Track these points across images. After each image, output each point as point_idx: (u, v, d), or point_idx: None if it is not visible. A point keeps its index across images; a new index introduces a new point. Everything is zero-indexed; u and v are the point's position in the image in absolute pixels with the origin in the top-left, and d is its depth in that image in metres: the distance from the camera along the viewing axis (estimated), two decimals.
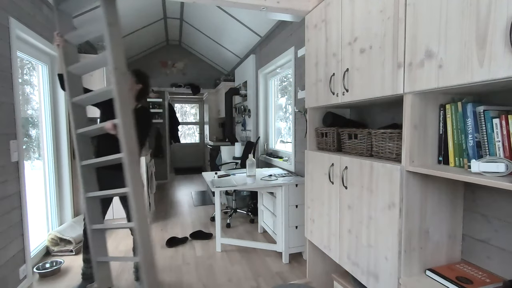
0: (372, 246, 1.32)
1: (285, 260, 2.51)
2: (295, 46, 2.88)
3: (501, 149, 0.92)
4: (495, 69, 0.81)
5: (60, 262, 2.41)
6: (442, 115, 1.12)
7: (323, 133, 1.82)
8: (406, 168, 1.14)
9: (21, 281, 2.10)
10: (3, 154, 1.92)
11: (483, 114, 0.97)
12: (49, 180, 2.91)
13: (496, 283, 1.06)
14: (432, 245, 1.21)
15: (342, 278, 1.71)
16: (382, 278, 1.26)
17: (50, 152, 2.91)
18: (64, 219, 3.06)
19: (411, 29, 1.09)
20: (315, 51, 1.82)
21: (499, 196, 1.12)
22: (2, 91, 1.93)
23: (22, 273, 2.10)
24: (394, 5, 1.16)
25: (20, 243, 2.09)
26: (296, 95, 2.86)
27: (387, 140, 1.32)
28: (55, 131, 2.95)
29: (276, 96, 3.89)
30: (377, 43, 1.27)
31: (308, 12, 1.90)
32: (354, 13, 1.42)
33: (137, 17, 3.64)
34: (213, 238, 3.10)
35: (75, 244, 2.72)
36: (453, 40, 0.92)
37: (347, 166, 1.49)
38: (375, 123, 1.78)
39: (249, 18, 3.45)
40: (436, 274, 1.13)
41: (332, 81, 1.62)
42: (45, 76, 2.85)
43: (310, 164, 1.90)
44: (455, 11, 0.92)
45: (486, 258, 1.18)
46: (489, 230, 1.16)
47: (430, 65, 1.01)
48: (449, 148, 1.09)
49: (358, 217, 1.42)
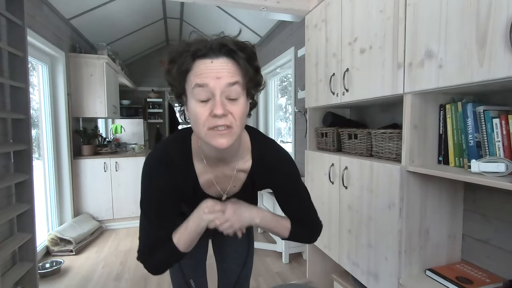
0: (372, 246, 1.32)
1: (285, 260, 2.51)
2: (295, 46, 2.88)
3: (501, 149, 0.92)
4: (495, 69, 0.81)
5: (60, 262, 2.41)
6: (442, 115, 1.12)
7: (323, 133, 1.82)
8: (406, 168, 1.14)
9: None
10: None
11: (483, 114, 0.96)
12: (49, 180, 2.91)
13: (496, 283, 1.06)
14: (432, 245, 1.21)
15: (342, 278, 1.71)
16: (382, 278, 1.26)
17: (50, 152, 2.90)
18: (64, 219, 3.06)
19: (411, 29, 1.08)
20: (315, 51, 1.82)
21: (499, 196, 1.12)
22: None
23: None
24: (394, 5, 1.16)
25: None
26: (296, 95, 2.86)
27: (387, 140, 1.32)
28: (55, 131, 2.95)
29: (276, 96, 3.89)
30: (377, 43, 1.27)
31: (308, 12, 1.90)
32: (354, 13, 1.42)
33: (137, 17, 3.64)
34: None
35: (75, 244, 2.73)
36: (453, 40, 0.92)
37: (347, 166, 1.49)
38: (375, 123, 1.77)
39: (249, 18, 3.45)
40: (436, 274, 1.13)
41: (332, 81, 1.62)
42: (45, 76, 2.85)
43: (310, 164, 1.89)
44: (455, 11, 0.92)
45: (486, 258, 1.18)
46: (489, 230, 1.16)
47: (430, 65, 1.01)
48: (449, 148, 1.09)
49: (358, 217, 1.42)
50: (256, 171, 0.81)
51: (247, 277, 1.16)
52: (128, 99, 5.01)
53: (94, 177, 3.32)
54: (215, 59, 0.63)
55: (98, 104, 3.34)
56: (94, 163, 3.32)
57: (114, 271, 2.39)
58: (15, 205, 1.83)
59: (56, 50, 2.79)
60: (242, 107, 0.65)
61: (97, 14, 3.11)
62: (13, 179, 1.76)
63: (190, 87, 0.64)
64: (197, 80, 0.63)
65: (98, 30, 3.56)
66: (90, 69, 3.28)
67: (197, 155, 0.78)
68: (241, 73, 0.65)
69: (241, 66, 0.65)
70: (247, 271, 1.15)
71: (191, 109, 0.66)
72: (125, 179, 3.46)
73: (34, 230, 1.90)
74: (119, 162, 3.43)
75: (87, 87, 3.29)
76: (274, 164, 0.81)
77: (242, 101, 0.66)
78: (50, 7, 2.66)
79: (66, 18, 2.98)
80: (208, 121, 0.63)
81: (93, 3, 2.90)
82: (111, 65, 3.55)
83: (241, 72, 0.65)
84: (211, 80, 0.62)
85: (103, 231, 3.31)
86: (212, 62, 0.63)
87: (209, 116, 0.63)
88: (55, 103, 2.96)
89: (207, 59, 0.63)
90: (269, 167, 0.81)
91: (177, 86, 0.67)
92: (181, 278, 1.07)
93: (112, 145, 3.97)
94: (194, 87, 0.63)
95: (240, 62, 0.64)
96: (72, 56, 3.16)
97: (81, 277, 2.29)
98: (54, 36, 2.76)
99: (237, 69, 0.65)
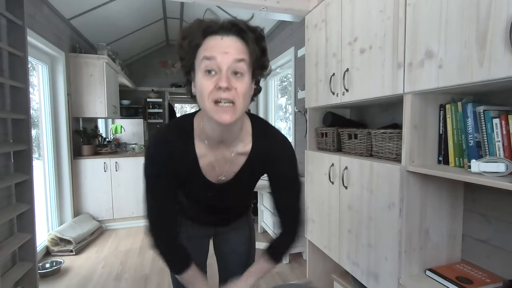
0: (372, 246, 1.32)
1: (285, 260, 2.51)
2: (295, 46, 2.88)
3: (501, 149, 0.92)
4: (495, 69, 0.81)
5: (60, 262, 2.41)
6: (442, 115, 1.12)
7: (323, 133, 1.82)
8: (406, 168, 1.14)
9: None
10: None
11: (483, 114, 0.96)
12: (49, 180, 2.91)
13: (496, 283, 1.06)
14: (432, 245, 1.21)
15: (342, 278, 1.71)
16: (382, 278, 1.26)
17: (50, 152, 2.90)
18: (64, 219, 3.06)
19: (411, 29, 1.08)
20: (315, 51, 1.82)
21: (499, 196, 1.12)
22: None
23: None
24: (394, 5, 1.16)
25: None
26: (296, 95, 2.86)
27: (387, 140, 1.32)
28: (55, 131, 2.95)
29: (276, 96, 3.89)
30: (377, 43, 1.27)
31: (308, 12, 1.90)
32: (354, 13, 1.42)
33: (137, 17, 3.64)
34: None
35: (75, 244, 2.73)
36: (453, 40, 0.92)
37: (347, 166, 1.49)
38: (375, 123, 1.77)
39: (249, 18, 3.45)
40: (436, 274, 1.13)
41: (332, 81, 1.62)
42: (45, 76, 2.85)
43: (310, 164, 1.90)
44: (455, 11, 0.92)
45: (486, 258, 1.18)
46: (489, 230, 1.16)
47: (430, 65, 1.01)
48: (449, 148, 1.09)
49: (358, 217, 1.42)
50: (255, 155, 0.82)
51: None
52: (128, 99, 5.01)
53: (94, 177, 3.32)
54: (225, 37, 0.67)
55: (98, 104, 3.34)
56: (94, 163, 3.32)
57: (114, 271, 2.39)
58: (15, 205, 1.83)
59: (56, 50, 2.79)
60: (246, 85, 0.68)
61: (97, 14, 3.10)
62: (13, 179, 1.75)
63: (199, 60, 0.68)
64: (206, 53, 0.66)
65: (98, 30, 3.56)
66: (90, 69, 3.28)
67: (198, 136, 0.80)
68: (249, 52, 0.68)
69: (249, 46, 0.68)
70: None
71: (197, 82, 0.69)
72: (125, 179, 3.46)
73: (34, 230, 1.90)
74: (119, 162, 3.43)
75: (87, 87, 3.29)
76: (274, 152, 0.82)
77: (246, 79, 0.68)
78: (50, 7, 2.66)
79: (66, 18, 2.98)
80: (213, 93, 0.66)
81: (93, 3, 2.90)
82: (111, 65, 3.55)
83: (248, 51, 0.68)
84: (219, 54, 0.65)
85: (103, 231, 3.31)
86: (222, 39, 0.67)
87: (214, 88, 0.66)
88: (55, 103, 2.96)
89: (217, 36, 0.67)
90: (268, 154, 0.82)
91: (187, 60, 0.71)
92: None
93: (112, 145, 3.97)
94: (202, 59, 0.66)
95: (249, 42, 0.67)
96: (72, 56, 3.17)
97: (81, 277, 2.29)
98: (54, 36, 2.76)
99: (245, 48, 0.68)
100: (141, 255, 2.70)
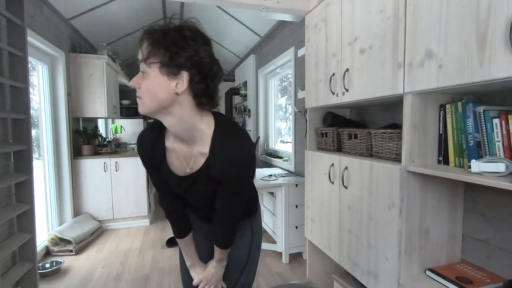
0: (372, 246, 1.32)
1: (285, 260, 2.51)
2: (295, 46, 2.88)
3: (501, 149, 0.92)
4: (495, 69, 0.81)
5: (60, 262, 2.41)
6: (442, 115, 1.12)
7: (323, 133, 1.82)
8: (406, 168, 1.14)
9: None
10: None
11: (483, 114, 0.96)
12: (49, 180, 2.91)
13: (496, 283, 1.06)
14: (432, 245, 1.21)
15: (342, 278, 1.71)
16: (382, 278, 1.26)
17: (50, 152, 2.90)
18: (64, 219, 3.06)
19: (411, 29, 1.09)
20: (315, 51, 1.82)
21: (499, 196, 1.12)
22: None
23: None
24: (394, 5, 1.16)
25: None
26: (296, 95, 2.86)
27: (387, 140, 1.32)
28: (55, 131, 2.95)
29: (276, 96, 3.89)
30: (377, 43, 1.27)
31: (308, 12, 1.90)
32: (354, 13, 1.42)
33: (137, 17, 3.64)
34: None
35: (75, 244, 2.73)
36: (453, 40, 0.92)
37: (347, 166, 1.49)
38: (375, 123, 1.77)
39: (249, 18, 3.45)
40: (436, 274, 1.13)
41: (332, 81, 1.62)
42: (45, 76, 2.85)
43: (310, 164, 1.90)
44: (455, 11, 0.92)
45: (486, 258, 1.18)
46: (489, 230, 1.16)
47: (430, 65, 1.01)
48: (449, 148, 1.09)
49: (358, 217, 1.42)
50: (211, 159, 0.87)
51: (245, 287, 1.14)
52: (128, 99, 5.01)
53: (94, 177, 3.32)
54: (143, 43, 0.77)
55: (98, 104, 3.34)
56: (94, 163, 3.32)
57: (114, 271, 2.39)
58: (15, 205, 1.83)
59: (56, 50, 2.79)
60: (149, 82, 0.77)
61: (97, 14, 3.10)
62: (13, 179, 1.76)
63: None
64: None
65: (98, 30, 3.56)
66: (90, 69, 3.28)
67: (169, 132, 0.92)
68: (154, 53, 0.75)
69: (153, 46, 0.75)
70: (247, 280, 1.14)
71: None
72: (125, 179, 3.46)
73: (34, 230, 1.90)
74: (119, 162, 3.43)
75: (87, 87, 3.29)
76: (226, 158, 0.85)
77: (150, 77, 0.76)
78: (50, 7, 2.66)
79: (66, 18, 2.98)
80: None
81: (93, 3, 2.90)
82: (111, 65, 3.55)
83: (154, 52, 0.75)
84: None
85: (103, 231, 3.31)
86: (142, 45, 0.77)
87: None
88: (55, 103, 2.96)
89: (142, 42, 0.78)
90: (221, 159, 0.85)
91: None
92: (188, 282, 1.14)
93: (112, 145, 3.97)
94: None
95: (155, 43, 0.75)
96: (72, 56, 3.16)
97: (81, 277, 2.29)
98: (54, 36, 2.76)
99: (151, 49, 0.75)
100: (141, 255, 2.70)
